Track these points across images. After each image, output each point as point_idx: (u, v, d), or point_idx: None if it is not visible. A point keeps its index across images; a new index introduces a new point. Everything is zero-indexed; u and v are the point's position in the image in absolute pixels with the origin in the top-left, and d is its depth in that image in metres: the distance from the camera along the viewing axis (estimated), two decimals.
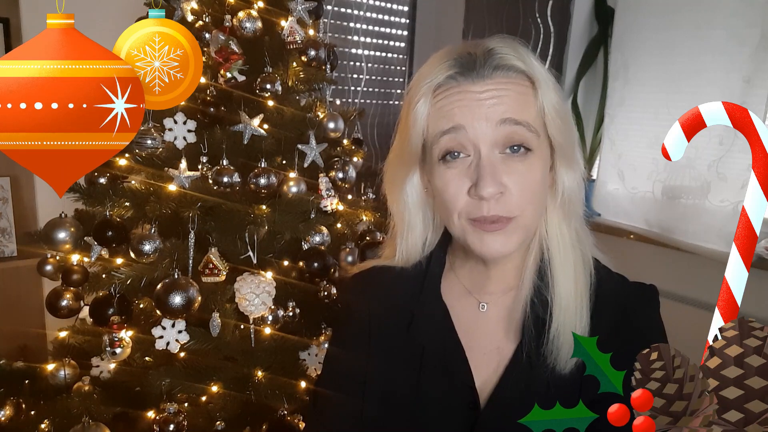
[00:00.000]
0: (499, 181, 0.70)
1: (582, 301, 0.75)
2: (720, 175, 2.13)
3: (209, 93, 1.38)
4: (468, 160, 0.72)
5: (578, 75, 2.66)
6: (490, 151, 0.71)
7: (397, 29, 3.00)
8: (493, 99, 0.70)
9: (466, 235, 0.74)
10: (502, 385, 0.77)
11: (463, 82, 0.72)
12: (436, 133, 0.73)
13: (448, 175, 0.73)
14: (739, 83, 2.06)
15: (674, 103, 2.29)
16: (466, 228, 0.73)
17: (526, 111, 0.71)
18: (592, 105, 2.67)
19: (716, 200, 2.15)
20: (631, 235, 2.42)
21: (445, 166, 0.73)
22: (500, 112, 0.70)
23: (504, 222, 0.72)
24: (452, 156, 0.72)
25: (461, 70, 0.72)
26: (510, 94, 0.71)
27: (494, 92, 0.70)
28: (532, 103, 0.72)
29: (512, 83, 0.72)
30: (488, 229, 0.72)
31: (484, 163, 0.70)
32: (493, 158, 0.71)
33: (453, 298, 0.83)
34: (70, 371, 1.42)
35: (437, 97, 0.73)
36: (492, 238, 0.72)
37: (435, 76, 0.73)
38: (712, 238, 2.14)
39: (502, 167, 0.71)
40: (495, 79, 0.71)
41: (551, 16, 2.67)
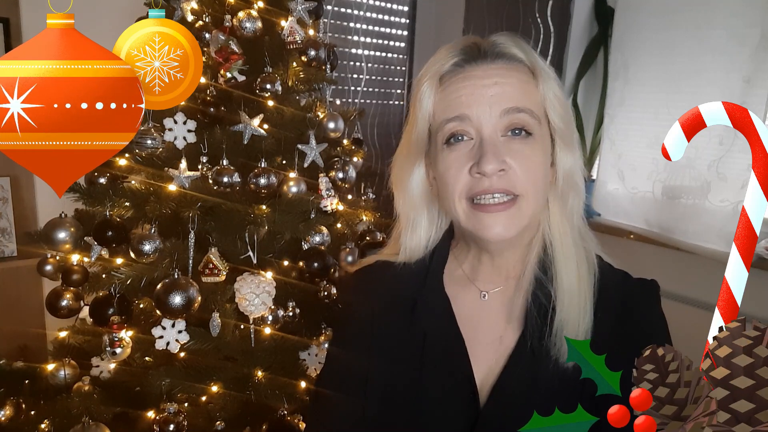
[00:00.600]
0: (502, 159, 0.72)
1: (585, 297, 0.76)
2: (720, 175, 2.13)
3: (209, 93, 1.38)
4: (471, 143, 0.74)
5: (578, 75, 2.66)
6: (493, 133, 0.73)
7: (397, 29, 3.00)
8: (497, 86, 0.73)
9: (467, 218, 0.75)
10: (504, 376, 0.77)
11: (467, 68, 0.75)
12: (442, 120, 0.75)
13: (451, 157, 0.75)
14: (739, 83, 2.06)
15: (674, 103, 2.29)
16: (467, 211, 0.74)
17: (529, 98, 0.74)
18: (592, 105, 2.67)
19: (716, 200, 2.15)
20: (631, 235, 2.42)
21: (448, 149, 0.75)
22: (504, 100, 0.73)
23: (507, 204, 0.72)
24: (456, 139, 0.75)
25: (466, 57, 0.76)
26: (512, 82, 0.74)
27: (497, 78, 0.73)
28: (533, 91, 0.75)
29: (514, 70, 0.75)
30: (490, 210, 0.72)
31: (486, 142, 0.72)
32: (495, 139, 0.73)
33: (455, 288, 0.84)
34: (70, 371, 1.42)
35: (443, 85, 0.76)
36: (493, 219, 0.73)
37: (441, 64, 0.76)
38: (712, 238, 2.14)
39: (505, 147, 0.73)
40: (498, 65, 0.74)
41: (551, 16, 2.67)
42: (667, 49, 2.30)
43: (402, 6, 2.99)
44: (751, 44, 2.02)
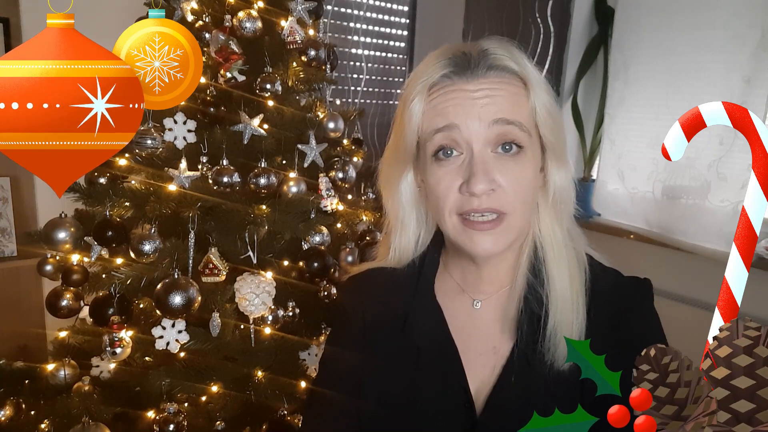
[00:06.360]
0: (491, 178, 0.71)
1: (578, 298, 0.76)
2: (720, 175, 2.13)
3: (209, 93, 1.38)
4: (461, 158, 0.73)
5: (578, 75, 2.66)
6: (483, 149, 0.72)
7: (397, 29, 3.00)
8: (487, 98, 0.71)
9: (457, 233, 0.74)
10: (499, 387, 0.76)
11: (457, 80, 0.73)
12: (430, 131, 0.74)
13: (441, 173, 0.74)
14: (739, 83, 2.06)
15: (674, 103, 2.29)
16: (457, 226, 0.74)
17: (519, 111, 0.73)
18: (592, 105, 2.67)
19: (716, 200, 2.15)
20: (631, 235, 2.42)
21: (437, 164, 0.74)
22: (493, 111, 0.71)
23: (495, 222, 0.72)
24: (445, 154, 0.73)
25: (456, 69, 0.73)
26: (503, 94, 0.72)
27: (488, 91, 0.72)
28: (524, 103, 0.73)
29: (505, 83, 0.73)
30: (479, 228, 0.72)
31: (476, 161, 0.71)
32: (485, 156, 0.72)
33: (446, 298, 0.83)
34: (70, 371, 1.42)
35: (432, 95, 0.74)
36: (482, 237, 0.73)
37: (430, 74, 0.74)
38: (712, 238, 2.14)
39: (494, 165, 0.72)
40: (489, 78, 0.72)
41: (551, 16, 2.67)
42: (667, 49, 2.30)
43: (402, 6, 2.99)
44: (751, 44, 2.02)
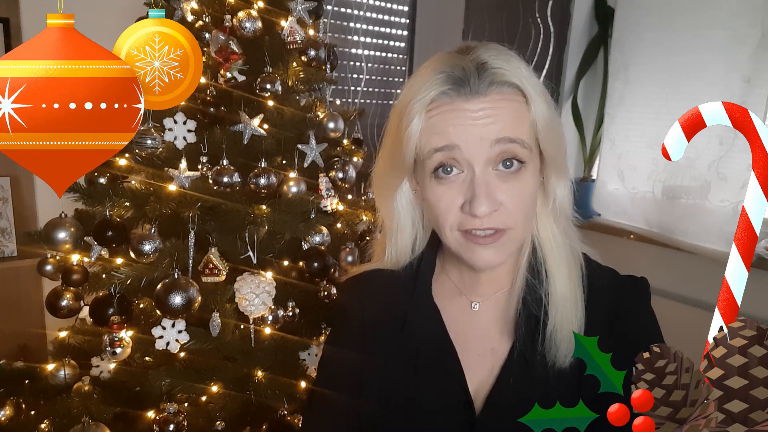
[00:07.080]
0: (494, 198, 0.70)
1: (577, 296, 0.76)
2: (720, 175, 2.13)
3: (209, 93, 1.38)
4: (461, 177, 0.71)
5: (578, 75, 2.66)
6: (485, 168, 0.70)
7: (397, 29, 3.00)
8: (488, 118, 0.69)
9: (459, 246, 0.74)
10: (498, 387, 0.77)
11: (456, 99, 0.70)
12: (429, 150, 0.71)
13: (440, 190, 0.72)
14: (739, 83, 2.06)
15: (674, 103, 2.29)
16: (459, 240, 0.73)
17: (520, 127, 0.71)
18: (592, 105, 2.67)
19: (716, 200, 2.15)
20: (631, 235, 2.42)
21: (437, 181, 0.72)
22: (495, 131, 0.69)
23: (497, 236, 0.72)
24: (445, 171, 0.72)
25: (454, 87, 0.70)
26: (504, 112, 0.70)
27: (489, 111, 0.69)
28: (525, 118, 0.71)
29: (506, 100, 0.70)
30: (480, 242, 0.72)
31: (478, 182, 0.69)
32: (487, 176, 0.70)
33: (445, 299, 0.83)
34: (70, 371, 1.42)
35: (430, 113, 0.71)
36: (484, 250, 0.72)
37: (428, 91, 0.71)
38: (712, 238, 2.14)
39: (496, 184, 0.70)
40: (489, 96, 0.70)
41: (551, 16, 2.67)
42: (667, 49, 2.30)
43: (402, 6, 2.99)
44: (751, 44, 2.02)
